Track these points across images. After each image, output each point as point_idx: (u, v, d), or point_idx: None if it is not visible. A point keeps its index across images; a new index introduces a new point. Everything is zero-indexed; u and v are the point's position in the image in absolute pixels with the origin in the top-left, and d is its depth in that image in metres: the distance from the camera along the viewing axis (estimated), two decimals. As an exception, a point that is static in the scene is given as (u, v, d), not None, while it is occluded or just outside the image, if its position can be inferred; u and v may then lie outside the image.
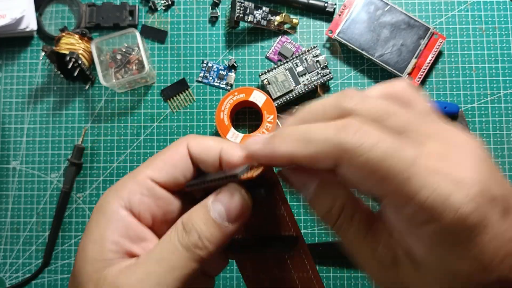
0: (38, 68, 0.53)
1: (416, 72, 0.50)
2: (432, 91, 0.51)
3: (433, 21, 0.51)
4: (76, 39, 0.50)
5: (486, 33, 0.51)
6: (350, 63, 0.51)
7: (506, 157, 0.49)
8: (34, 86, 0.52)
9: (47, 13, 0.53)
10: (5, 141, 0.52)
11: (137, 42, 0.48)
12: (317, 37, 0.52)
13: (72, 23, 0.53)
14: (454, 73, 0.51)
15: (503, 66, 0.50)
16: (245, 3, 0.50)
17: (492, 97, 0.50)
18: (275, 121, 0.47)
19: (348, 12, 0.50)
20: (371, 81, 0.51)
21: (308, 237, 0.49)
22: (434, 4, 0.52)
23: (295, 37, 0.52)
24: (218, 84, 0.52)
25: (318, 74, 0.50)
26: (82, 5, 0.52)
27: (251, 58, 0.52)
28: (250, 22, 0.50)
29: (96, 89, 0.52)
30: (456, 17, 0.51)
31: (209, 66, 0.52)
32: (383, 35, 0.49)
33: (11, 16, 0.50)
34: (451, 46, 0.51)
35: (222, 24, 0.52)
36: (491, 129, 0.50)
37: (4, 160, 0.52)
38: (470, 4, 0.52)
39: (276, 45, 0.52)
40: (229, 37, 0.52)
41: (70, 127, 0.52)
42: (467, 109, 0.50)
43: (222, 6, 0.53)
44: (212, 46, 0.52)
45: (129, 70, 0.51)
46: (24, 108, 0.52)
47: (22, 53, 0.53)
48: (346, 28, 0.50)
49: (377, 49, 0.49)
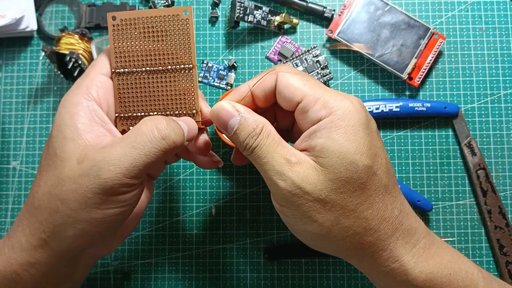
0: (38, 68, 0.53)
1: (416, 72, 0.50)
2: (432, 91, 0.51)
3: (433, 21, 0.51)
4: (76, 39, 0.50)
5: (486, 33, 0.51)
6: (350, 63, 0.51)
7: (506, 157, 0.49)
8: (34, 86, 0.52)
9: (47, 13, 0.53)
10: (5, 141, 0.52)
11: (137, 42, 0.48)
12: (317, 37, 0.52)
13: (72, 23, 0.53)
14: (454, 73, 0.51)
15: (503, 66, 0.50)
16: (245, 3, 0.50)
17: (492, 97, 0.50)
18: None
19: (348, 12, 0.50)
20: (371, 81, 0.51)
21: (308, 237, 0.49)
22: (434, 4, 0.52)
23: (295, 37, 0.52)
24: (218, 84, 0.52)
25: (318, 74, 0.50)
26: (82, 5, 0.52)
27: (251, 58, 0.52)
28: (250, 22, 0.50)
29: (96, 89, 0.52)
30: (456, 17, 0.51)
31: (209, 66, 0.52)
32: (383, 35, 0.49)
33: (11, 16, 0.50)
34: (451, 46, 0.51)
35: (222, 24, 0.52)
36: (491, 129, 0.50)
37: (4, 160, 0.52)
38: (470, 4, 0.52)
39: (276, 45, 0.52)
40: (229, 37, 0.52)
41: (70, 127, 0.52)
42: (467, 109, 0.50)
43: (222, 6, 0.53)
44: (212, 46, 0.52)
45: (129, 70, 0.51)
46: (24, 108, 0.52)
47: (22, 53, 0.53)
48: (346, 28, 0.50)
49: (377, 49, 0.49)
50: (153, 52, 0.35)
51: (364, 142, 0.31)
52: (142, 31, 0.35)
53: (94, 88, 0.34)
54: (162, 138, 0.31)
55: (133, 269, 0.50)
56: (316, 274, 0.49)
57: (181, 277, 0.50)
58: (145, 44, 0.35)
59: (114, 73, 0.36)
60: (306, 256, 0.49)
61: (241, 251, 0.50)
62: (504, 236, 0.48)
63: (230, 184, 0.51)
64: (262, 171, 0.32)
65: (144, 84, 0.36)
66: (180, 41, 0.35)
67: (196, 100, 0.36)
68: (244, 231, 0.50)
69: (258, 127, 0.32)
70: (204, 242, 0.50)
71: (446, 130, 0.50)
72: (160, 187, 0.51)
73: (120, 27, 0.35)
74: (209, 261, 0.50)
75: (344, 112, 0.31)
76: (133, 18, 0.35)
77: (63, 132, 0.32)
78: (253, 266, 0.49)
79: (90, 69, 0.36)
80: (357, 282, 0.49)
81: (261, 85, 0.34)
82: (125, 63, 0.36)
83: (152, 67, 0.35)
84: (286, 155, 0.31)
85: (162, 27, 0.35)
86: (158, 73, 0.36)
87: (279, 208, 0.33)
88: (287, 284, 0.49)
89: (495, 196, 0.48)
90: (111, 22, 0.35)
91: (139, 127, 0.32)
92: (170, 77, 0.36)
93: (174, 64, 0.36)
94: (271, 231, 0.50)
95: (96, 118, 0.33)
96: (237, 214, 0.50)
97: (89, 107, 0.33)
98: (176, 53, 0.35)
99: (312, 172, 0.30)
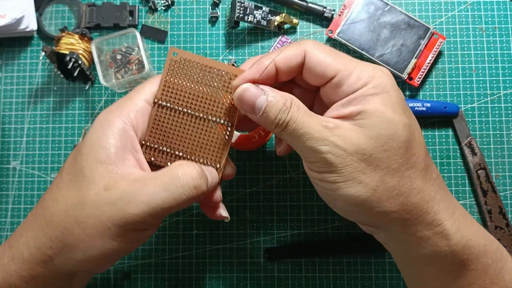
0: (38, 68, 0.53)
1: (416, 72, 0.50)
2: (432, 91, 0.51)
3: (433, 21, 0.51)
4: (76, 39, 0.50)
5: (486, 33, 0.51)
6: (350, 63, 0.51)
7: (506, 157, 0.49)
8: (34, 86, 0.52)
9: (47, 13, 0.53)
10: (5, 141, 0.52)
11: (137, 42, 0.48)
12: (317, 37, 0.52)
13: (72, 23, 0.53)
14: (454, 73, 0.51)
15: (503, 66, 0.50)
16: (245, 3, 0.50)
17: (492, 97, 0.50)
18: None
19: (348, 12, 0.50)
20: (371, 81, 0.51)
21: (308, 237, 0.49)
22: (434, 4, 0.52)
23: (295, 37, 0.52)
24: (218, 84, 0.52)
25: (318, 74, 0.50)
26: (82, 5, 0.52)
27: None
28: (250, 22, 0.50)
29: (96, 89, 0.52)
30: (456, 17, 0.51)
31: (209, 66, 0.52)
32: (383, 35, 0.49)
33: (11, 16, 0.50)
34: (451, 46, 0.51)
35: (222, 24, 0.52)
36: (491, 129, 0.50)
37: (4, 160, 0.52)
38: (470, 4, 0.52)
39: (276, 45, 0.52)
40: (229, 37, 0.52)
41: (70, 127, 0.52)
42: (467, 109, 0.50)
43: (222, 6, 0.53)
44: (212, 46, 0.52)
45: (129, 70, 0.51)
46: (24, 108, 0.52)
47: (22, 53, 0.53)
48: (346, 28, 0.50)
49: (377, 49, 0.49)
50: (200, 98, 0.36)
51: (399, 105, 0.31)
52: (196, 75, 0.36)
53: (134, 113, 0.34)
54: (194, 187, 0.31)
55: (133, 269, 0.50)
56: (316, 274, 0.49)
57: (181, 277, 0.50)
58: (195, 88, 0.36)
59: (157, 103, 0.36)
60: (306, 256, 0.49)
61: (241, 251, 0.50)
62: (504, 236, 0.48)
63: (230, 184, 0.51)
64: (300, 143, 0.31)
65: (181, 124, 0.36)
66: (228, 98, 0.36)
67: (224, 156, 0.36)
68: (244, 231, 0.50)
69: (287, 101, 0.31)
70: (204, 242, 0.50)
71: (446, 130, 0.50)
72: (160, 187, 0.51)
73: (178, 64, 0.36)
74: (209, 261, 0.50)
75: (378, 81, 0.31)
76: (193, 61, 0.35)
77: (96, 152, 0.31)
78: (253, 266, 0.49)
79: (135, 93, 0.35)
80: (357, 282, 0.49)
81: (285, 60, 0.33)
82: (170, 99, 0.36)
83: (194, 111, 0.36)
84: (322, 122, 0.31)
85: (217, 79, 0.36)
86: (198, 119, 0.36)
87: (318, 176, 0.32)
88: (287, 284, 0.49)
89: (496, 196, 0.48)
90: (171, 57, 0.36)
91: (175, 171, 0.31)
92: (208, 127, 0.36)
93: (216, 116, 0.36)
94: (271, 231, 0.50)
95: (129, 145, 0.33)
96: (237, 214, 0.50)
97: (127, 132, 0.33)
98: (221, 107, 0.36)
99: (353, 133, 0.30)
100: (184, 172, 0.31)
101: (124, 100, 0.34)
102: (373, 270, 0.49)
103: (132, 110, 0.34)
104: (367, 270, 0.49)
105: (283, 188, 0.50)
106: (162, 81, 0.36)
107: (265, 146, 0.51)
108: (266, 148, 0.51)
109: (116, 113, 0.33)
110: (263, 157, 0.51)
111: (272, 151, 0.51)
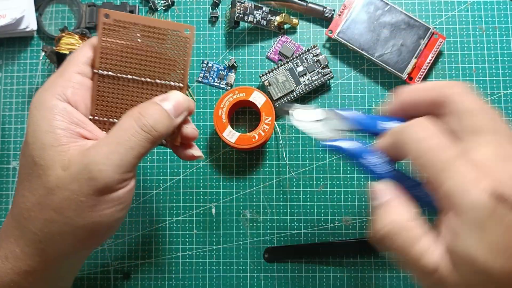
0: (38, 68, 0.53)
1: (416, 72, 0.50)
2: (432, 91, 0.51)
3: (433, 21, 0.51)
4: (76, 39, 0.50)
5: (486, 33, 0.51)
6: (350, 63, 0.51)
7: (506, 157, 0.49)
8: (34, 86, 0.52)
9: (47, 13, 0.53)
10: (5, 141, 0.52)
11: (137, 42, 0.48)
12: (317, 37, 0.52)
13: (72, 23, 0.53)
14: (454, 73, 0.51)
15: (503, 66, 0.50)
16: (245, 3, 0.50)
17: (492, 97, 0.50)
18: (273, 123, 0.47)
19: (348, 12, 0.50)
20: (371, 81, 0.51)
21: (308, 237, 0.49)
22: (434, 4, 0.52)
23: (295, 37, 0.52)
24: (218, 84, 0.52)
25: (318, 74, 0.50)
26: (82, 5, 0.52)
27: (251, 58, 0.52)
28: (250, 22, 0.50)
29: (96, 89, 0.52)
30: (456, 17, 0.51)
31: (209, 66, 0.52)
32: (383, 35, 0.49)
33: (11, 16, 0.50)
34: (451, 46, 0.51)
35: (222, 24, 0.52)
36: (491, 129, 0.50)
37: (4, 160, 0.52)
38: (470, 4, 0.52)
39: (276, 45, 0.52)
40: (229, 37, 0.52)
41: (70, 127, 0.52)
42: (467, 109, 0.50)
43: (222, 6, 0.53)
44: (212, 46, 0.52)
45: (129, 70, 0.51)
46: (24, 108, 0.52)
47: (22, 53, 0.53)
48: (346, 28, 0.50)
49: (377, 49, 0.49)
50: (144, 62, 0.34)
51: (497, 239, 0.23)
52: (136, 38, 0.33)
53: (70, 89, 0.32)
54: (146, 132, 0.30)
55: (133, 269, 0.50)
56: (316, 274, 0.49)
57: (181, 277, 0.50)
58: (136, 52, 0.34)
59: (96, 74, 0.33)
60: (306, 256, 0.49)
61: (241, 251, 0.50)
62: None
63: (230, 184, 0.51)
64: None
65: (128, 92, 0.34)
66: (175, 59, 0.34)
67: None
68: (244, 231, 0.50)
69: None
70: (204, 242, 0.50)
71: (446, 130, 0.50)
72: (160, 187, 0.51)
73: (113, 27, 0.33)
74: (209, 261, 0.50)
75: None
76: (129, 22, 0.33)
77: (40, 139, 0.30)
78: (253, 266, 0.49)
79: (66, 66, 0.33)
80: (357, 282, 0.49)
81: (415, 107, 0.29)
82: (111, 66, 0.33)
83: (140, 76, 0.34)
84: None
85: (159, 39, 0.34)
86: (144, 84, 0.34)
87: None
88: (287, 284, 0.49)
89: (495, 196, 0.48)
90: (103, 20, 0.33)
91: (121, 124, 0.31)
92: (157, 91, 0.34)
93: (163, 79, 0.34)
94: (271, 231, 0.50)
95: (74, 120, 0.32)
96: (237, 214, 0.50)
97: (66, 109, 0.31)
98: (168, 69, 0.34)
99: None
100: (129, 122, 0.31)
101: (55, 77, 0.33)
102: (373, 270, 0.49)
103: (66, 86, 0.32)
104: (367, 270, 0.49)
105: (283, 188, 0.50)
106: (98, 48, 0.33)
107: (265, 146, 0.51)
108: (266, 148, 0.51)
109: (50, 93, 0.31)
110: (263, 157, 0.51)
111: (272, 151, 0.51)
